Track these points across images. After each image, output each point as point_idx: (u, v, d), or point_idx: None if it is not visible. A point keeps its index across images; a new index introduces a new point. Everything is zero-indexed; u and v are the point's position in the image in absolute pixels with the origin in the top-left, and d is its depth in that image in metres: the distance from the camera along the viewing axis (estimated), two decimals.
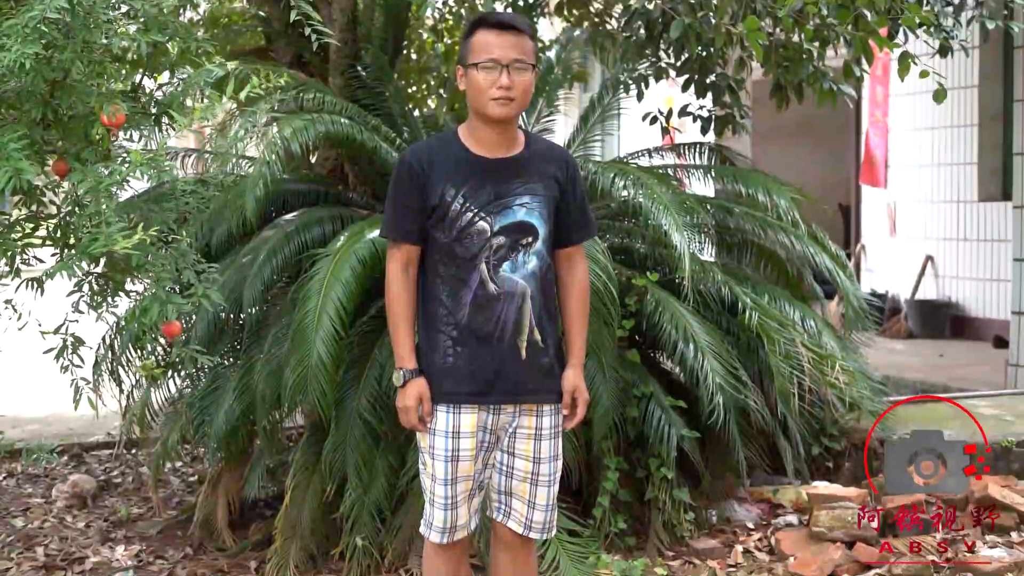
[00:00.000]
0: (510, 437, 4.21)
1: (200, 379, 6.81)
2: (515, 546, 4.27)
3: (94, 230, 4.01)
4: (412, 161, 4.15)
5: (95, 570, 6.56)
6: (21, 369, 9.18)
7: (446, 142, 4.23)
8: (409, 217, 4.12)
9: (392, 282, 4.17)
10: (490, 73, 4.05)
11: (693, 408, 6.47)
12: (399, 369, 4.15)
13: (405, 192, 4.13)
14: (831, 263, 7.40)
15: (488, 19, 4.15)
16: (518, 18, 4.19)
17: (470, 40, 4.12)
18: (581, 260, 4.37)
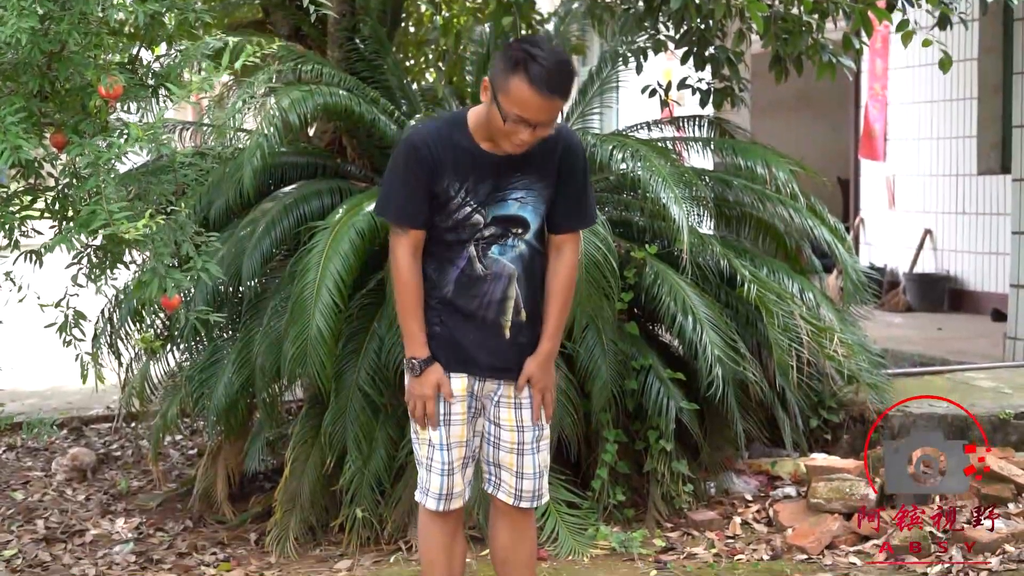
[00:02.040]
0: (494, 406, 4.23)
1: (199, 352, 6.81)
2: (512, 515, 4.28)
3: (93, 204, 4.01)
4: (421, 147, 4.02)
5: (95, 542, 6.58)
6: (20, 343, 9.18)
7: (456, 130, 4.06)
8: (417, 202, 4.03)
9: (403, 270, 4.07)
10: (517, 125, 3.91)
11: (692, 380, 6.48)
12: (412, 358, 4.10)
13: (414, 177, 4.02)
14: (830, 236, 7.40)
15: (538, 75, 3.83)
16: (567, 78, 3.92)
17: (511, 80, 3.84)
18: (571, 249, 4.24)
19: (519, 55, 3.84)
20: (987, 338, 10.40)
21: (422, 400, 4.11)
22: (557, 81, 3.86)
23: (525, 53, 3.83)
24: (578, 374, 6.15)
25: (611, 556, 5.70)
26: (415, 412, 4.15)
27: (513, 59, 3.85)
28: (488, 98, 3.94)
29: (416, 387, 4.12)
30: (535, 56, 3.81)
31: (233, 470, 6.84)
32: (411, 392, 4.15)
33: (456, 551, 4.29)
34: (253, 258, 6.48)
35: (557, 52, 3.89)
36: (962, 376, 8.20)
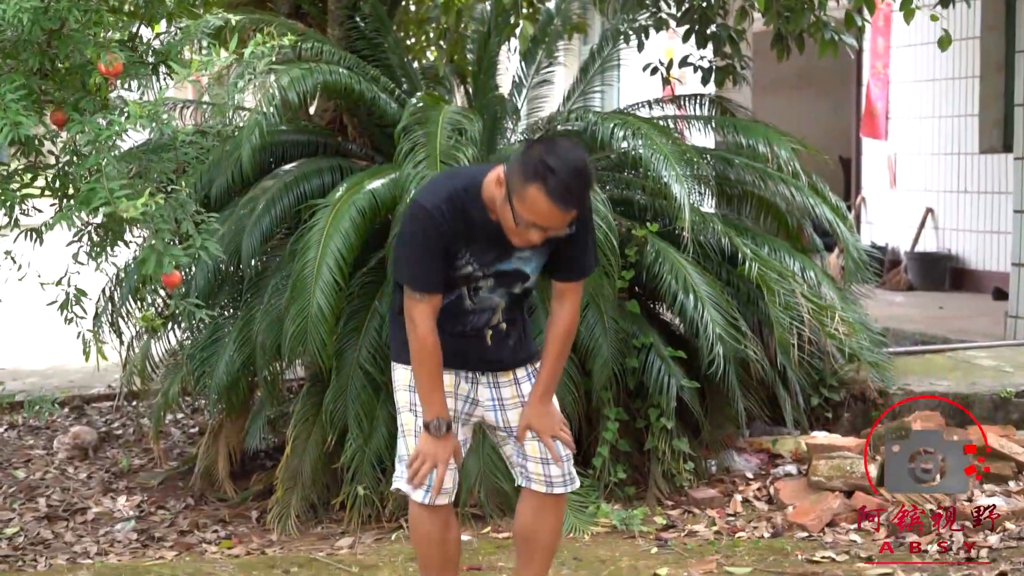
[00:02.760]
0: (501, 412, 4.19)
1: (200, 330, 6.81)
2: (543, 500, 4.20)
3: (93, 182, 4.01)
4: (440, 219, 3.90)
5: (97, 520, 6.60)
6: (21, 321, 9.19)
7: (469, 200, 3.94)
8: (437, 270, 3.96)
9: (425, 334, 3.95)
10: (530, 228, 3.86)
11: (693, 359, 6.48)
12: (437, 418, 3.98)
13: (434, 245, 3.92)
14: (831, 214, 7.39)
15: (556, 189, 3.74)
16: (585, 187, 3.85)
17: (528, 188, 3.75)
18: (572, 299, 4.16)
19: (538, 166, 3.75)
20: (988, 317, 10.40)
21: (434, 461, 4.00)
22: (575, 194, 3.81)
23: (544, 164, 3.74)
24: (579, 352, 6.15)
25: (612, 533, 5.71)
26: (419, 471, 4.02)
27: (532, 168, 3.76)
28: (503, 194, 3.85)
29: (432, 447, 4.00)
30: (554, 168, 3.73)
31: (234, 448, 6.85)
32: (425, 451, 4.01)
33: (450, 539, 4.23)
34: (253, 236, 6.48)
35: (575, 161, 3.79)
36: (963, 355, 8.21)
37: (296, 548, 5.88)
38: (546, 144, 3.86)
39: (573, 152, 3.82)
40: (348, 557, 5.56)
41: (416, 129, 6.13)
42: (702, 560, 5.38)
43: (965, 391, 7.09)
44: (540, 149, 3.80)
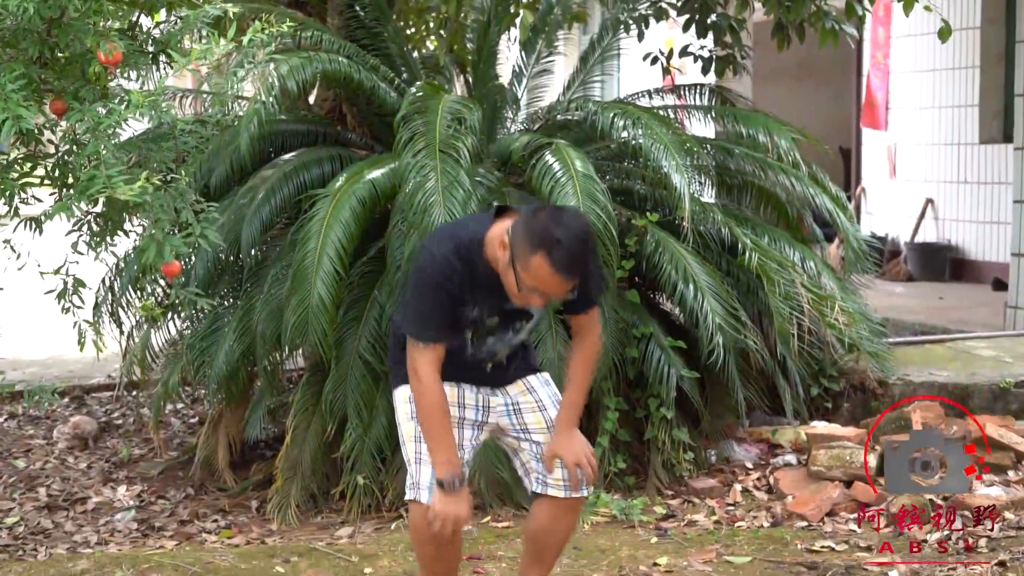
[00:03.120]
0: (516, 415, 4.19)
1: (200, 320, 6.81)
2: (560, 507, 4.18)
3: (92, 170, 4.00)
4: (446, 267, 3.91)
5: (97, 510, 6.60)
6: (21, 311, 9.17)
7: (474, 254, 3.95)
8: (443, 318, 3.97)
9: (430, 384, 3.94)
10: (531, 293, 3.89)
11: (692, 349, 6.48)
12: (450, 473, 3.92)
13: (443, 295, 3.93)
14: (831, 204, 7.38)
15: (560, 259, 3.76)
16: (588, 257, 3.88)
17: (531, 256, 3.77)
18: (591, 328, 4.18)
19: (543, 235, 3.76)
20: (988, 307, 10.40)
21: (455, 520, 3.95)
22: (579, 266, 3.83)
23: (549, 234, 3.76)
24: None
25: (612, 523, 5.72)
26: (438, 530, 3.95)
27: (537, 237, 3.77)
28: (506, 258, 3.86)
29: (450, 505, 3.92)
30: (559, 239, 3.75)
31: (234, 438, 6.85)
32: (444, 512, 3.93)
33: (456, 541, 4.22)
34: (253, 226, 6.48)
35: (579, 231, 3.81)
36: (963, 345, 8.21)
37: (296, 537, 5.89)
38: (551, 212, 3.89)
39: (577, 221, 3.86)
40: (348, 546, 5.57)
41: (415, 118, 6.12)
42: (702, 549, 5.38)
43: (965, 381, 7.10)
44: (545, 217, 3.81)
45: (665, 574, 5.08)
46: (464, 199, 5.83)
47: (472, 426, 4.16)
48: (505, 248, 3.85)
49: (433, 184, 5.78)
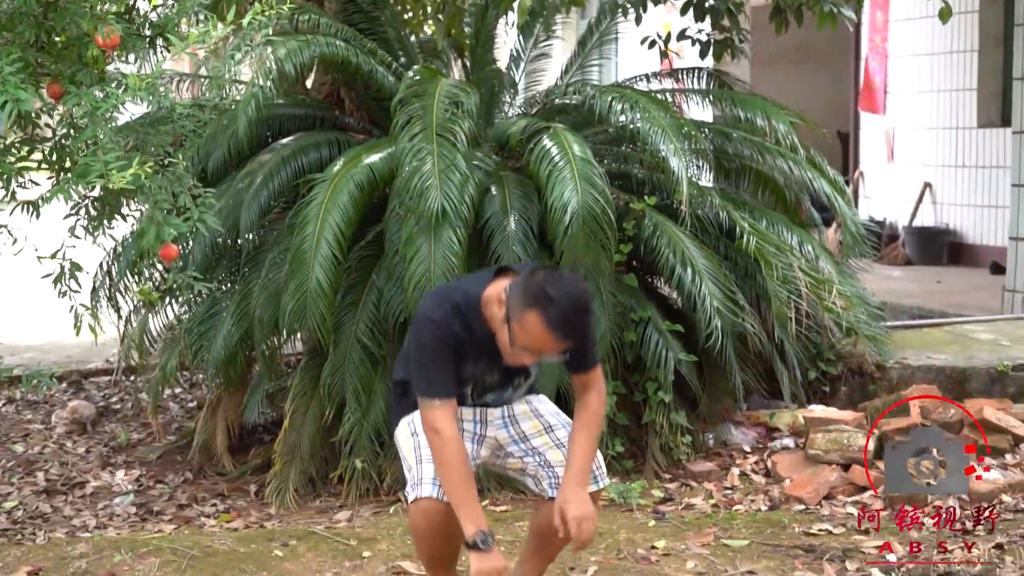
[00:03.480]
0: (512, 424, 4.22)
1: (198, 305, 6.82)
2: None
3: (89, 155, 4.00)
4: (445, 326, 3.95)
5: (95, 494, 6.61)
6: (18, 296, 9.19)
7: (471, 315, 3.99)
8: (450, 373, 3.98)
9: (451, 441, 3.93)
10: (524, 351, 3.93)
11: (690, 332, 6.48)
12: (480, 531, 3.87)
13: (447, 351, 3.95)
14: (829, 188, 7.38)
15: (555, 319, 3.80)
16: (583, 320, 3.93)
17: (527, 314, 3.81)
18: (592, 386, 4.17)
19: (539, 294, 3.80)
20: (986, 291, 10.41)
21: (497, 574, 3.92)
22: (573, 325, 3.86)
23: (545, 293, 3.80)
24: None
25: (610, 507, 5.72)
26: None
27: (533, 295, 3.81)
28: (502, 315, 3.91)
29: (486, 563, 3.87)
30: (554, 298, 3.79)
31: (232, 422, 6.85)
32: (482, 571, 3.86)
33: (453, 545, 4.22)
34: (251, 210, 6.48)
35: (576, 294, 3.85)
36: (961, 329, 8.22)
37: (294, 521, 5.90)
38: (549, 273, 3.93)
39: (575, 284, 3.89)
40: (346, 530, 5.58)
41: (413, 102, 6.11)
42: (700, 533, 5.39)
43: (962, 365, 7.10)
44: (543, 277, 3.86)
45: (663, 557, 5.09)
46: (461, 182, 5.82)
47: (471, 439, 4.17)
48: (502, 305, 3.91)
49: (430, 168, 5.78)
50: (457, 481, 3.92)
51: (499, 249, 6.06)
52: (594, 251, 5.96)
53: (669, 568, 4.94)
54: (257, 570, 4.95)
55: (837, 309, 6.74)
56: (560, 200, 5.86)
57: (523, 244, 6.11)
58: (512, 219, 6.13)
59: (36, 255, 4.63)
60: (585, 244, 5.88)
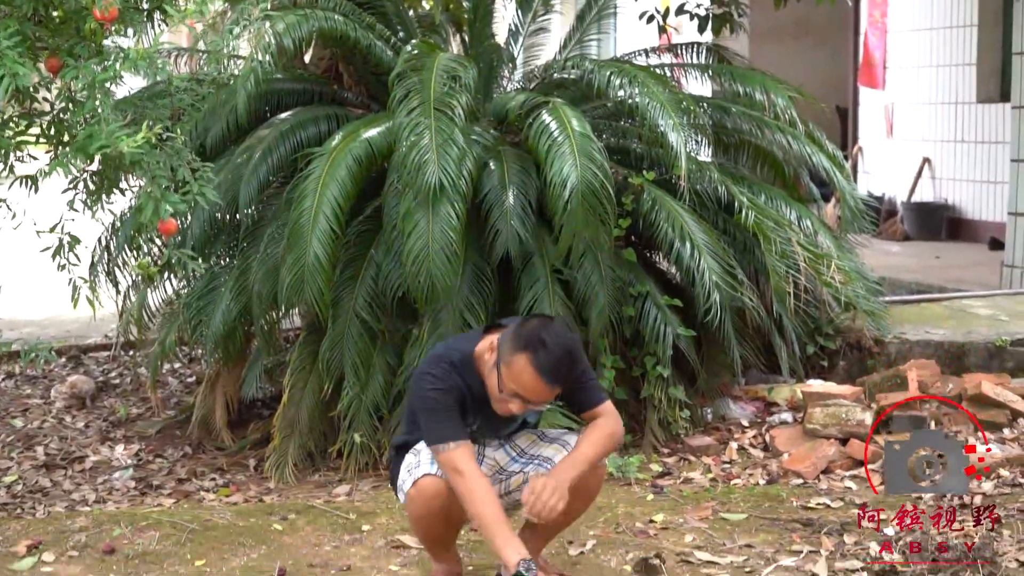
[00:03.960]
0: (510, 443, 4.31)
1: (197, 280, 6.81)
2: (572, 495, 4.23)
3: (91, 127, 4.00)
4: (446, 379, 4.02)
5: (95, 469, 6.62)
6: (17, 272, 9.16)
7: (467, 373, 4.06)
8: (460, 420, 4.03)
9: (477, 475, 3.97)
10: (512, 398, 3.98)
11: (689, 307, 6.48)
12: (521, 560, 3.84)
13: (451, 403, 4.01)
14: (828, 163, 7.37)
15: (544, 364, 3.88)
16: (571, 369, 3.98)
17: (516, 358, 3.89)
18: (606, 414, 4.19)
19: (530, 338, 3.88)
20: (984, 266, 10.42)
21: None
22: (561, 373, 3.93)
23: (537, 338, 3.87)
24: (575, 300, 6.16)
25: (608, 481, 5.72)
26: None
27: (524, 339, 3.89)
28: (492, 360, 3.98)
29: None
30: (545, 343, 3.86)
31: (231, 397, 6.86)
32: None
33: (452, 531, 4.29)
34: (250, 185, 6.48)
35: (567, 342, 3.92)
36: (959, 304, 8.22)
37: (294, 495, 5.91)
38: (541, 320, 4.01)
39: (566, 334, 3.96)
40: (346, 504, 5.59)
41: (411, 76, 6.10)
42: (698, 507, 5.41)
43: (961, 339, 7.11)
44: (535, 324, 3.95)
45: (661, 531, 5.10)
46: (459, 157, 5.82)
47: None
48: (493, 351, 3.98)
49: (428, 142, 5.77)
50: (490, 513, 3.93)
51: (497, 224, 6.06)
52: (593, 226, 5.96)
53: (667, 541, 4.96)
54: (256, 544, 4.97)
55: (836, 284, 6.75)
56: (559, 175, 5.86)
57: (521, 219, 6.11)
58: (510, 194, 6.13)
59: (35, 229, 4.63)
60: (584, 219, 5.87)
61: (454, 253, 5.77)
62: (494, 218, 6.09)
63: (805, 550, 4.80)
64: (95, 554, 4.84)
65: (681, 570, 4.65)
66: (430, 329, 5.97)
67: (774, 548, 4.85)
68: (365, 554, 4.88)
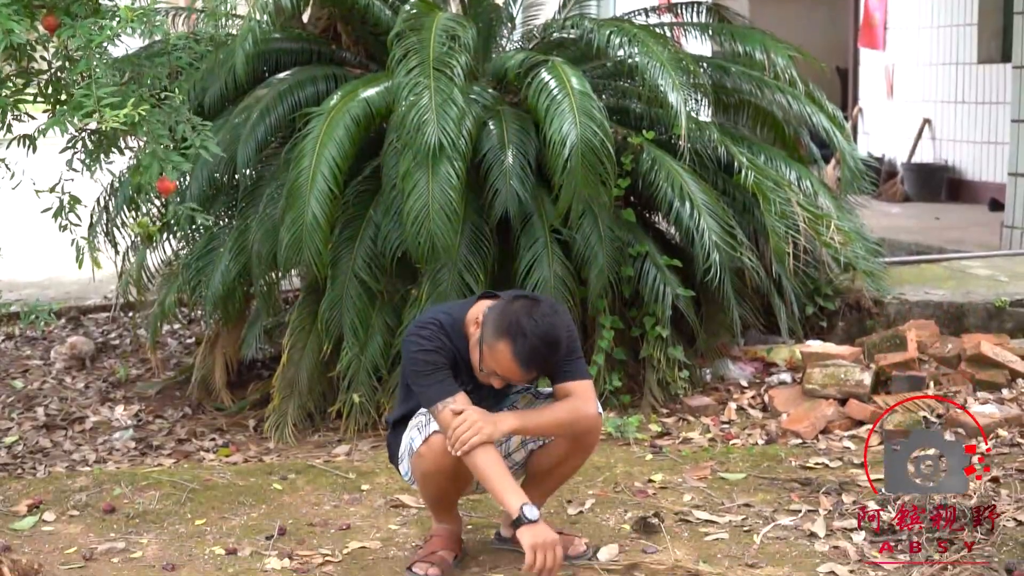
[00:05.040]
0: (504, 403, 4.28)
1: (196, 240, 6.81)
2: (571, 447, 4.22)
3: (85, 88, 3.98)
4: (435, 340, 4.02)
5: (95, 429, 6.64)
6: (17, 233, 9.15)
7: (456, 338, 4.07)
8: (451, 378, 4.02)
9: (473, 412, 3.98)
10: (491, 375, 4.03)
11: (688, 268, 6.48)
12: (524, 505, 3.88)
13: (443, 363, 4.01)
14: (828, 123, 7.35)
15: (522, 351, 3.90)
16: (549, 356, 3.97)
17: (497, 341, 3.92)
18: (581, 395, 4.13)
19: (512, 324, 3.90)
20: (984, 227, 10.41)
21: (554, 545, 3.90)
22: (538, 359, 3.95)
23: (518, 324, 3.88)
24: (574, 260, 6.16)
25: (607, 441, 5.74)
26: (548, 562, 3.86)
27: (506, 324, 3.91)
28: (476, 336, 4.01)
29: (540, 535, 3.87)
30: (526, 332, 3.87)
31: (231, 358, 6.87)
32: (541, 544, 3.86)
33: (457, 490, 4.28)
34: (248, 145, 6.45)
35: (548, 330, 3.91)
36: (959, 264, 8.23)
37: (293, 456, 5.92)
38: (526, 304, 3.97)
39: (549, 320, 3.93)
40: (345, 464, 5.60)
41: (410, 36, 6.07)
42: (696, 466, 5.42)
43: (960, 300, 7.11)
44: (519, 308, 3.93)
45: (660, 490, 5.12)
46: (458, 117, 5.80)
47: None
48: (478, 327, 4.00)
49: (427, 102, 5.75)
50: (491, 463, 3.96)
51: (496, 183, 6.05)
52: (593, 185, 5.94)
53: (666, 501, 4.97)
54: (256, 503, 4.98)
55: (835, 244, 6.74)
56: (559, 134, 5.84)
57: (521, 179, 6.10)
58: (510, 153, 6.11)
59: (34, 188, 4.62)
60: (584, 177, 5.86)
61: (454, 212, 5.77)
62: (493, 178, 6.08)
63: (803, 509, 4.82)
64: (95, 513, 4.87)
65: (680, 529, 4.67)
66: (429, 289, 5.97)
67: (772, 507, 4.87)
68: (364, 513, 4.90)
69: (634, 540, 4.55)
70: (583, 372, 4.19)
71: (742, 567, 4.30)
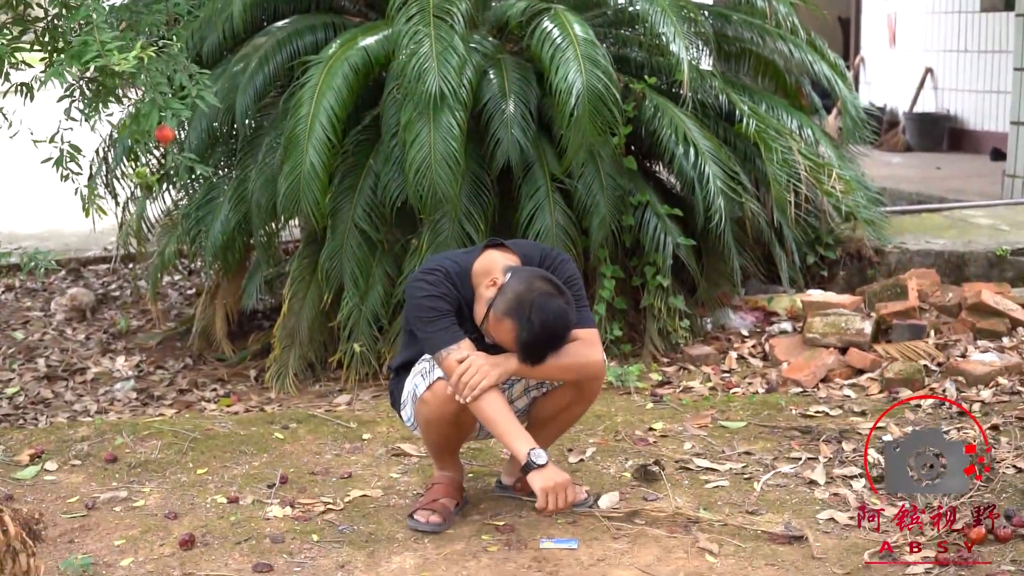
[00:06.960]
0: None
1: (195, 190, 6.79)
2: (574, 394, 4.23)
3: (84, 35, 3.94)
4: (439, 285, 4.00)
5: (96, 380, 6.65)
6: (16, 185, 9.15)
7: (461, 280, 4.07)
8: (455, 323, 4.00)
9: (477, 358, 3.97)
10: (489, 336, 4.03)
11: (689, 217, 6.47)
12: (532, 451, 3.89)
13: (447, 309, 3.99)
14: (829, 71, 7.31)
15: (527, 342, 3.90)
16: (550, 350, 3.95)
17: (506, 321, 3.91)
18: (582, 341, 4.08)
19: (524, 310, 3.87)
20: (986, 177, 10.39)
21: (564, 487, 3.91)
22: (539, 351, 3.94)
23: (529, 314, 3.86)
24: (576, 210, 6.14)
25: (608, 390, 5.75)
26: (560, 503, 3.91)
27: (520, 308, 3.88)
28: (489, 296, 3.97)
29: (551, 478, 3.90)
30: (534, 323, 3.85)
31: (231, 308, 6.87)
32: (552, 487, 3.89)
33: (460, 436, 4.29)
34: (247, 94, 6.42)
35: (555, 327, 3.89)
36: (960, 214, 8.21)
37: (294, 405, 5.93)
38: (544, 297, 3.90)
39: (559, 319, 3.89)
40: (346, 413, 5.61)
41: None
42: (697, 415, 5.43)
43: (961, 249, 7.11)
44: (536, 296, 3.88)
45: (660, 439, 5.13)
46: (459, 66, 5.77)
47: None
48: (494, 287, 3.98)
49: (427, 50, 5.72)
50: (496, 407, 3.97)
51: (498, 132, 6.03)
52: (596, 132, 5.91)
53: (666, 449, 4.98)
54: (258, 452, 4.99)
55: (836, 193, 6.73)
56: (564, 81, 5.81)
57: (522, 128, 6.07)
58: (511, 103, 6.08)
59: (32, 139, 4.59)
60: (591, 126, 5.83)
61: (456, 162, 5.75)
62: (494, 127, 6.05)
63: (803, 457, 4.83)
64: (97, 463, 4.87)
65: (680, 477, 4.68)
66: (429, 239, 5.96)
67: (773, 455, 4.87)
68: (366, 462, 4.91)
69: (635, 488, 4.56)
70: (589, 320, 4.18)
71: (742, 514, 4.31)
